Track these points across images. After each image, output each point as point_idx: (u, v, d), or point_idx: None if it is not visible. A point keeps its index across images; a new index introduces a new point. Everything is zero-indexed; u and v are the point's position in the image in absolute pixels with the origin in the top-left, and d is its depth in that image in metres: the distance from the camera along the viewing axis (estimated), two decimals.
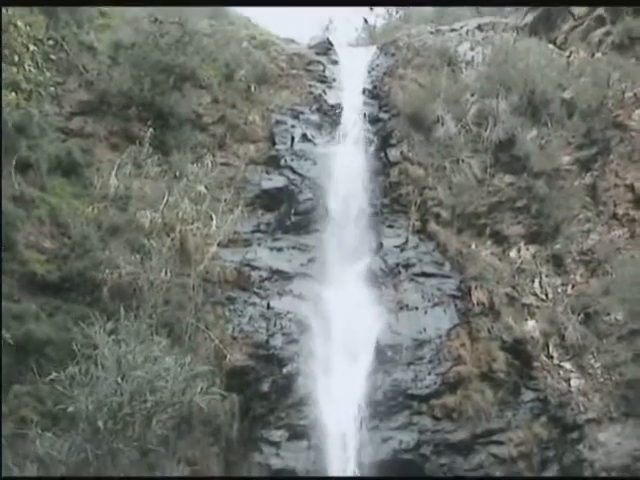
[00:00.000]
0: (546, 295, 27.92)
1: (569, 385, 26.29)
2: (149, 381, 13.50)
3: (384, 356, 26.22)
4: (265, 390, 25.37)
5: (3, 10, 21.08)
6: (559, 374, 26.50)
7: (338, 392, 25.15)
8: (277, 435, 24.99)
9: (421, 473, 25.00)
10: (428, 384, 26.10)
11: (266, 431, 25.00)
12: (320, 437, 24.79)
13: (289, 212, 29.69)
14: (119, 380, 13.50)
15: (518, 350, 26.79)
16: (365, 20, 49.67)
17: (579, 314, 27.03)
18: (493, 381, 26.25)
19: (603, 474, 24.87)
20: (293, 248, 28.83)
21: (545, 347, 26.92)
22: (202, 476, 22.58)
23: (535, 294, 27.94)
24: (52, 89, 25.20)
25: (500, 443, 25.60)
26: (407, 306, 27.44)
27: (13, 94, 21.61)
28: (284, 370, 25.65)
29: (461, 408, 25.71)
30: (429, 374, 26.25)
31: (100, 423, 13.33)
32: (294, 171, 30.67)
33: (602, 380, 26.22)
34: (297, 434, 24.97)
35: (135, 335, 14.16)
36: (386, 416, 25.45)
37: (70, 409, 13.44)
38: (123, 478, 13.81)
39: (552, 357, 26.80)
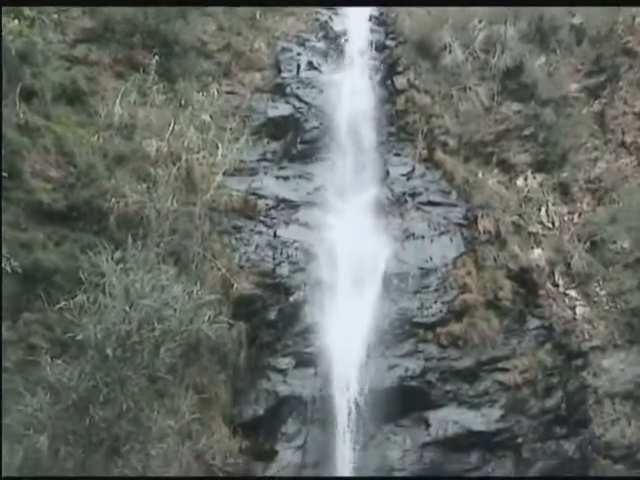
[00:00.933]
0: (552, 223, 27.93)
1: (574, 313, 26.44)
2: (157, 310, 13.57)
3: (390, 284, 26.33)
4: (272, 318, 25.52)
5: None
6: (564, 302, 26.64)
7: (345, 320, 25.28)
8: (284, 363, 25.22)
9: (427, 400, 25.29)
10: (434, 312, 26.26)
11: (273, 359, 25.23)
12: (327, 365, 25.02)
13: (295, 141, 29.57)
14: (127, 309, 13.57)
15: (524, 278, 26.90)
16: None
17: (585, 242, 27.09)
18: (499, 309, 26.42)
19: (607, 400, 25.15)
20: (299, 177, 28.76)
21: (551, 275, 27.02)
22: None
23: (541, 222, 27.96)
24: (55, 16, 24.92)
25: (505, 370, 25.86)
26: (413, 235, 27.47)
27: (16, 21, 21.33)
28: (291, 298, 25.78)
29: (467, 336, 25.91)
30: (435, 302, 26.39)
31: (109, 351, 13.43)
32: (300, 99, 30.47)
33: (607, 308, 26.38)
34: (304, 362, 25.20)
35: (142, 264, 14.22)
36: (392, 344, 25.66)
37: (79, 337, 13.53)
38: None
39: (558, 285, 26.91)
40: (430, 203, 28.41)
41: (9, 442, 14.36)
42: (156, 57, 27.72)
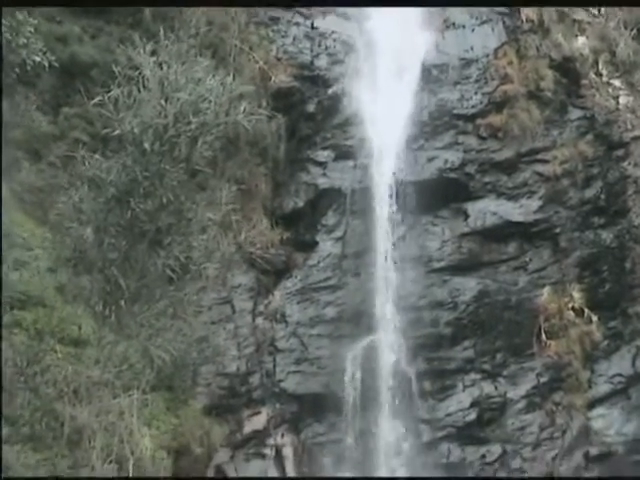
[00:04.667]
0: (598, 10, 27.15)
1: (617, 103, 26.11)
2: (192, 102, 13.49)
3: (430, 76, 25.99)
4: (311, 111, 25.45)
5: None
6: (607, 92, 26.25)
7: (384, 112, 25.16)
8: (323, 155, 25.34)
9: (465, 191, 25.47)
10: (474, 103, 26.01)
11: (312, 151, 25.35)
12: (366, 157, 25.11)
13: None
14: (162, 102, 13.51)
15: (566, 68, 26.42)
16: None
17: (632, 29, 26.43)
18: (540, 100, 26.08)
19: None
20: None
21: (594, 64, 26.53)
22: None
23: (586, 9, 27.17)
24: None
25: (545, 161, 25.84)
26: (454, 24, 26.81)
27: None
28: (329, 91, 25.57)
29: (507, 127, 25.73)
30: (475, 93, 26.08)
31: (146, 145, 13.44)
32: None
33: None
34: (343, 154, 25.30)
35: (177, 56, 14.07)
36: (431, 136, 25.61)
37: (117, 132, 13.58)
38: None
39: (601, 75, 26.44)
40: None
41: (58, 234, 14.74)
42: None
